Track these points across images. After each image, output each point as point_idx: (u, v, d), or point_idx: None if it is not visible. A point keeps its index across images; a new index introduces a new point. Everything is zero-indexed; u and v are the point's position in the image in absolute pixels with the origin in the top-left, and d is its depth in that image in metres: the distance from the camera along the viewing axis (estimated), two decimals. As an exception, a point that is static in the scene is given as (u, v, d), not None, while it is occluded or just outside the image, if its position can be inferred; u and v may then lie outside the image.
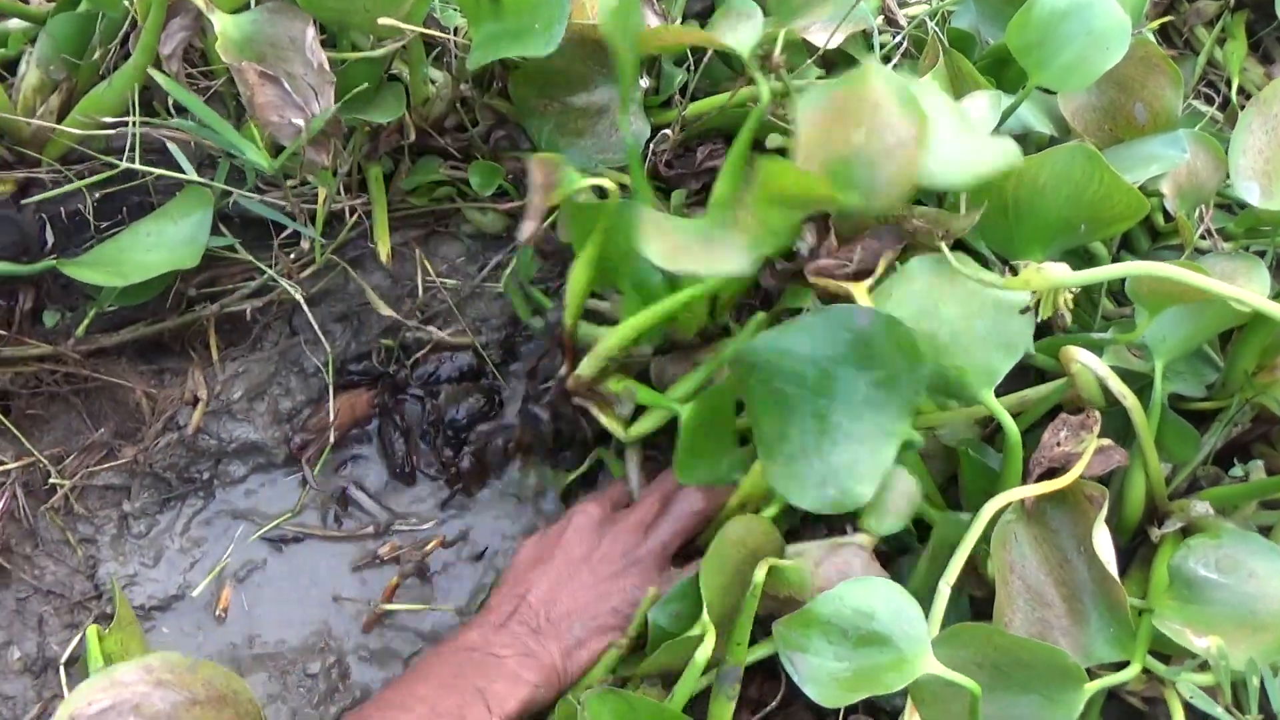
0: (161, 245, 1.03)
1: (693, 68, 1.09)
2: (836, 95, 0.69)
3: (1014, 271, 0.87)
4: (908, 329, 0.77)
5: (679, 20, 1.09)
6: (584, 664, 0.86)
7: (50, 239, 1.05)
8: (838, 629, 0.76)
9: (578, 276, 0.91)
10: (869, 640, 0.76)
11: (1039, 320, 0.83)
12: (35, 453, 1.07)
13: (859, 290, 0.83)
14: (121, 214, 1.08)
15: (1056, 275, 0.79)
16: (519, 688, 0.81)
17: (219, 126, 0.95)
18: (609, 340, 0.90)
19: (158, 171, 1.01)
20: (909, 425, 0.79)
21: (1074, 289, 0.85)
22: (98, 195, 1.06)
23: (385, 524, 1.10)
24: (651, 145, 1.08)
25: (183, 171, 1.01)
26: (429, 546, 1.09)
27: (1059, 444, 0.90)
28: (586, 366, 0.91)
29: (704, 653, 0.80)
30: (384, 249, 1.04)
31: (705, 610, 0.80)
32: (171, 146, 1.02)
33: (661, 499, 0.94)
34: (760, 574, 0.81)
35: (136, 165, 0.99)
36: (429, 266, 1.14)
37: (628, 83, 0.89)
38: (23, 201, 1.03)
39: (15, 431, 1.07)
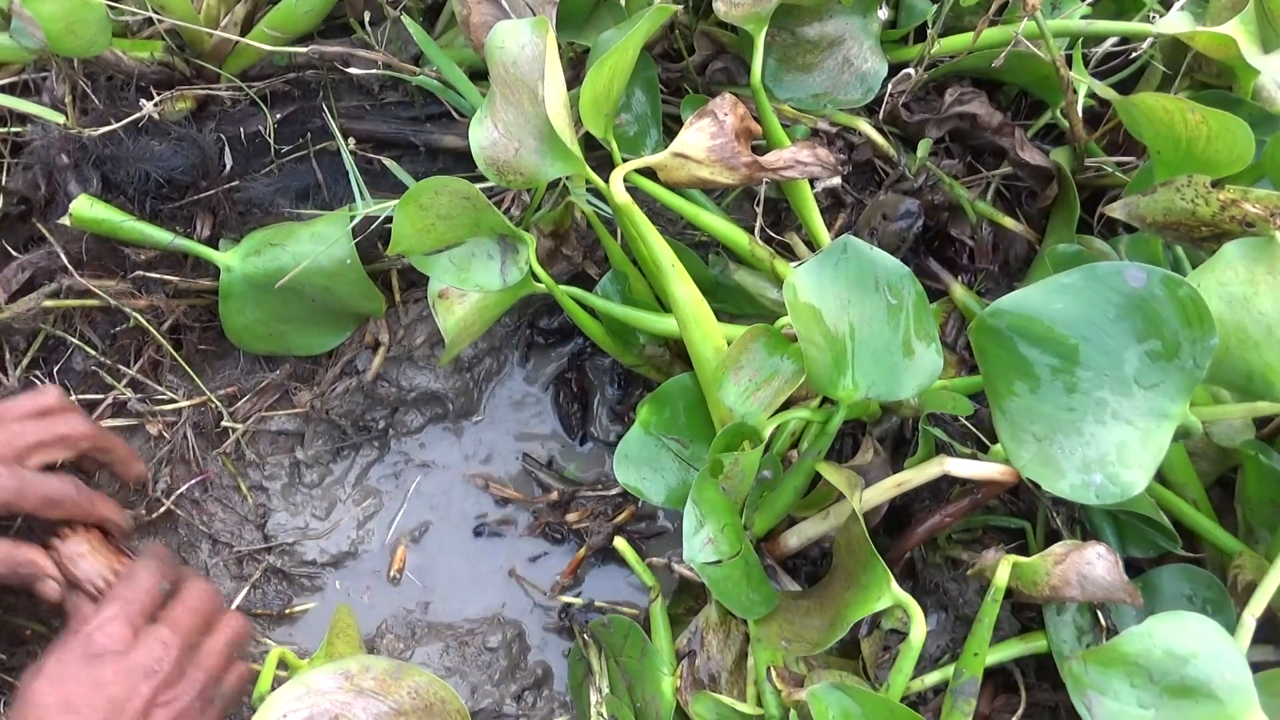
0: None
1: (940, -1, 0.96)
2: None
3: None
4: (1195, 291, 0.66)
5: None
6: None
7: (229, 162, 0.97)
8: (1144, 671, 0.66)
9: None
10: (1183, 690, 0.64)
11: None
12: (208, 392, 1.00)
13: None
14: (304, 137, 0.99)
15: None
16: None
17: (441, 63, 0.85)
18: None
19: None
20: (1187, 407, 0.69)
21: None
22: (279, 116, 0.99)
23: (569, 491, 1.00)
24: (890, 86, 0.95)
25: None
26: (620, 516, 0.99)
27: (1371, 455, 0.77)
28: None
29: (918, 634, 0.70)
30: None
31: (887, 581, 0.70)
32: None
33: (193, 614, 0.79)
34: (1003, 573, 0.74)
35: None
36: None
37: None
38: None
39: (187, 368, 0.99)
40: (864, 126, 0.96)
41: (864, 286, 0.76)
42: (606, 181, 0.79)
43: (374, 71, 0.96)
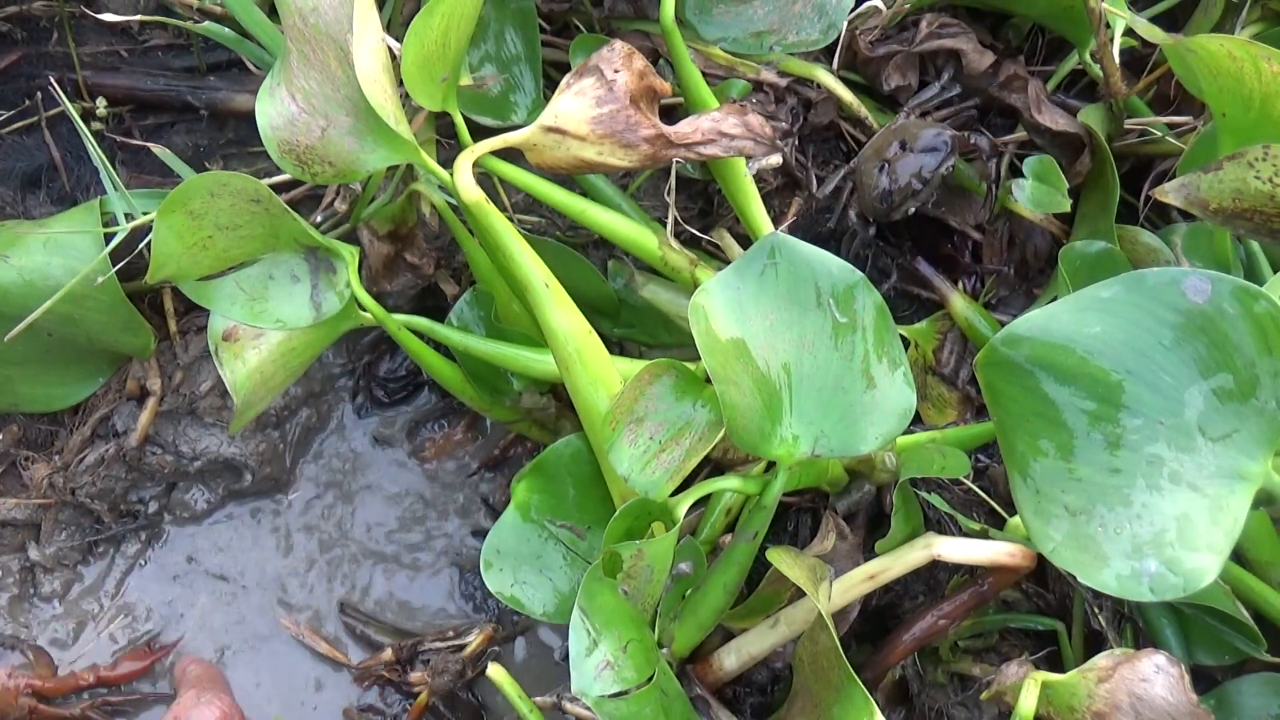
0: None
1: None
2: None
3: None
4: (1277, 305, 0.66)
5: None
6: None
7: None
8: None
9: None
10: None
11: None
12: (-107, 468, 0.98)
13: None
14: (32, 99, 0.97)
15: None
16: None
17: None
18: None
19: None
20: (1268, 463, 0.69)
21: None
22: None
23: (409, 645, 0.98)
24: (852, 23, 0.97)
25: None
26: (473, 644, 0.97)
27: None
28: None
29: None
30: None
31: (869, 712, 0.69)
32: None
33: None
34: (1029, 696, 0.73)
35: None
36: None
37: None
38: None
39: None
40: (824, 77, 0.96)
41: (801, 302, 0.75)
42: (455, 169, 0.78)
43: (135, 18, 0.94)
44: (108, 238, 0.88)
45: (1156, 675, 0.74)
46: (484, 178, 0.81)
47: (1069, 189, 0.96)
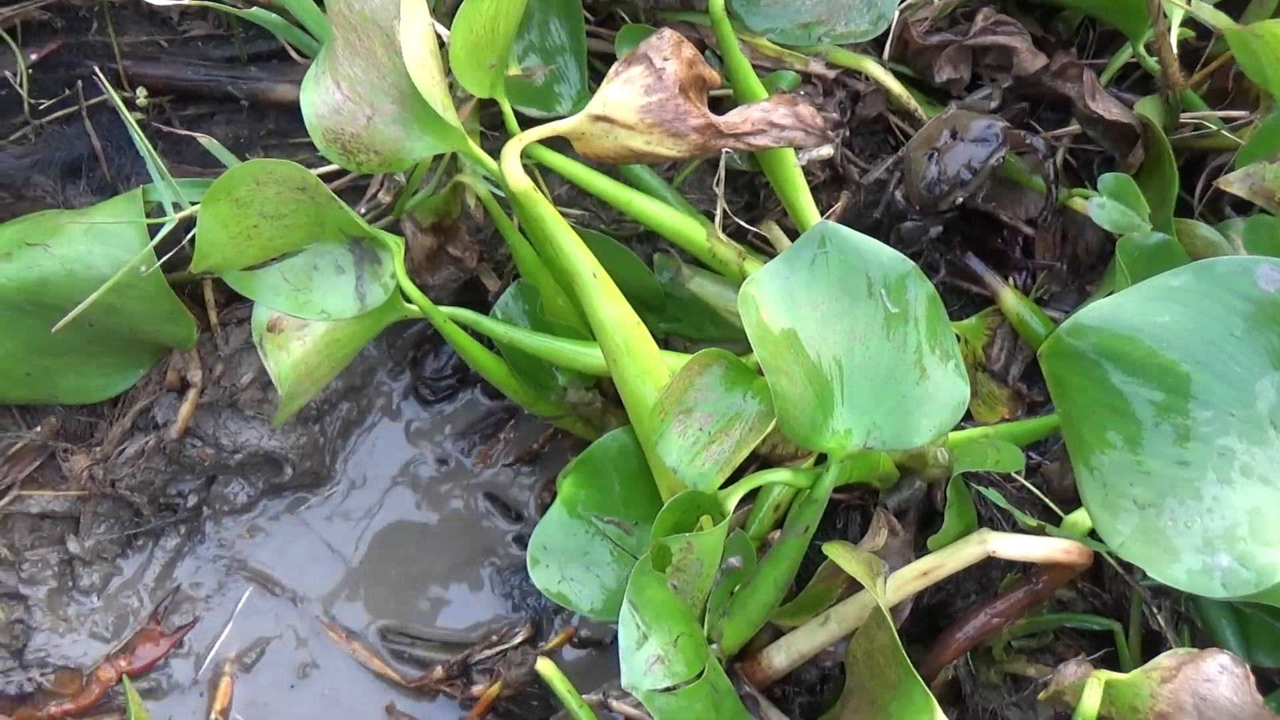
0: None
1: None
2: None
3: None
4: None
5: None
6: None
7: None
8: None
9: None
10: None
11: None
12: (-66, 459, 0.97)
13: None
14: (72, 88, 0.97)
15: None
16: None
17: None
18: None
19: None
20: None
21: None
22: (34, 58, 0.96)
23: (458, 661, 0.97)
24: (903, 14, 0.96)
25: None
26: (555, 640, 0.97)
27: None
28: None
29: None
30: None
31: (930, 711, 0.68)
32: None
33: None
34: (1092, 697, 0.72)
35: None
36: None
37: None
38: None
39: (-96, 425, 0.96)
40: (873, 69, 0.95)
41: (852, 292, 0.74)
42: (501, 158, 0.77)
43: (182, 1, 0.93)
44: (151, 228, 0.87)
45: (1221, 675, 0.72)
46: (527, 171, 0.79)
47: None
